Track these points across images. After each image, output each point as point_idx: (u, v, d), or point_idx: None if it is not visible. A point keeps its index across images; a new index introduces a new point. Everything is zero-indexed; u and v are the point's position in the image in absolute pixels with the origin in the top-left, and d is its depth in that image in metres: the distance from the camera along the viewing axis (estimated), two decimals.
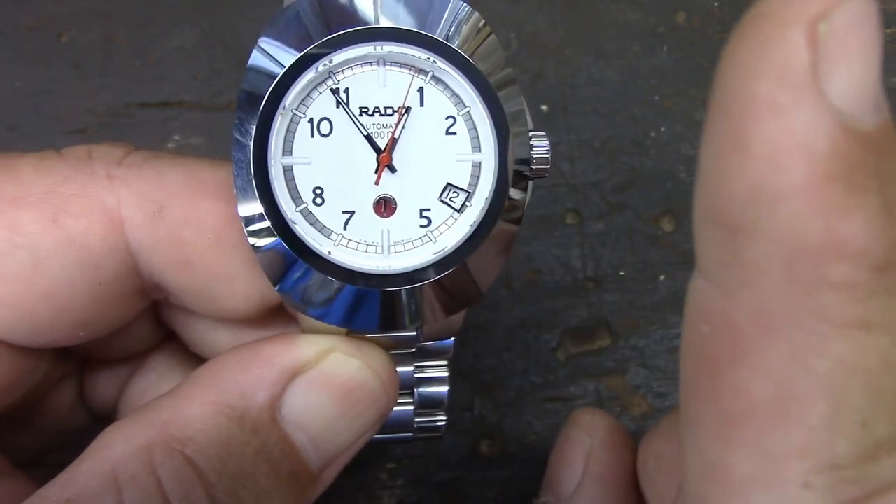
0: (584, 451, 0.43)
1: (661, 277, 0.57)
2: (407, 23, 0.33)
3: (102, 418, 0.44)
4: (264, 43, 0.33)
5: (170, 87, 0.59)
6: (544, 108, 0.60)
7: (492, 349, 0.56)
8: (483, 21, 0.34)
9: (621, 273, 0.57)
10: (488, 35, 0.34)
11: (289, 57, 0.32)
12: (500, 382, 0.55)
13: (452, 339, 0.39)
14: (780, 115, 0.20)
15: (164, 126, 0.58)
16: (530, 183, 0.34)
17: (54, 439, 0.43)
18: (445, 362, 0.41)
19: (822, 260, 0.21)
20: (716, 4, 0.63)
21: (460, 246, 0.34)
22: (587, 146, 0.60)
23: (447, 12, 0.33)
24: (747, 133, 0.21)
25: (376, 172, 0.34)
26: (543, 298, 0.57)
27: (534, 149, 0.34)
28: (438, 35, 0.33)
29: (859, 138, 0.20)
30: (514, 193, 0.34)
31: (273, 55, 0.33)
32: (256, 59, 0.33)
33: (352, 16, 0.33)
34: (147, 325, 0.41)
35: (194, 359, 0.43)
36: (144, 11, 0.60)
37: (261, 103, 0.32)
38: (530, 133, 0.34)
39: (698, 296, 0.24)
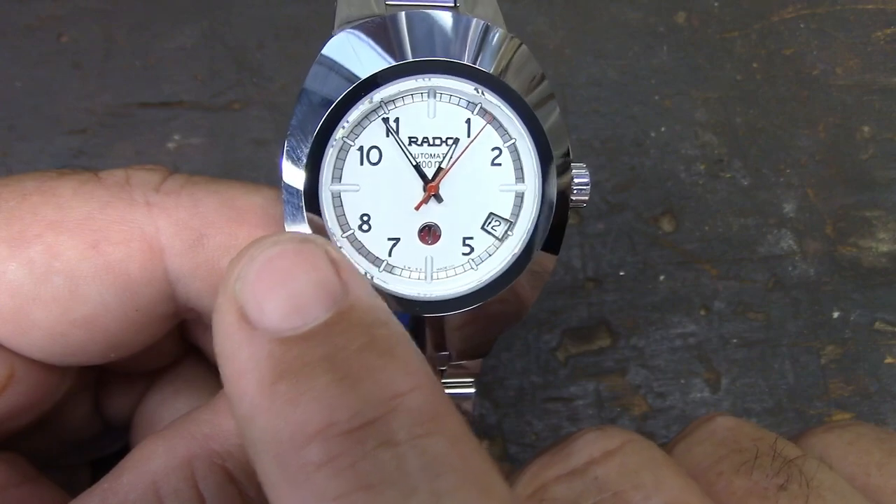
0: None
1: (661, 277, 0.57)
2: (451, 53, 0.33)
3: (117, 427, 0.44)
4: (316, 71, 0.33)
5: (170, 87, 0.59)
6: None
7: (492, 349, 0.56)
8: (520, 42, 0.34)
9: (621, 273, 0.57)
10: (525, 56, 0.35)
11: (340, 89, 0.33)
12: (500, 382, 0.55)
13: (481, 357, 0.40)
14: (229, 361, 0.25)
15: (164, 126, 0.58)
16: (569, 213, 0.35)
17: (67, 446, 0.43)
18: (472, 379, 0.42)
19: (296, 448, 0.23)
20: (716, 4, 0.63)
21: (501, 274, 0.35)
22: (587, 146, 0.60)
23: (488, 39, 0.34)
24: (224, 380, 0.26)
25: (424, 202, 0.35)
26: (543, 298, 0.57)
27: (574, 181, 0.35)
28: (484, 65, 0.34)
29: (300, 339, 0.24)
30: (555, 222, 0.35)
31: (324, 85, 0.33)
32: (310, 86, 0.33)
33: (400, 47, 0.33)
34: (172, 341, 0.42)
35: (211, 372, 0.43)
36: (144, 11, 0.60)
37: (313, 133, 0.33)
38: (572, 164, 0.35)
39: None
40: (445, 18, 0.34)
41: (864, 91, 0.62)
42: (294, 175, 0.33)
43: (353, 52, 0.33)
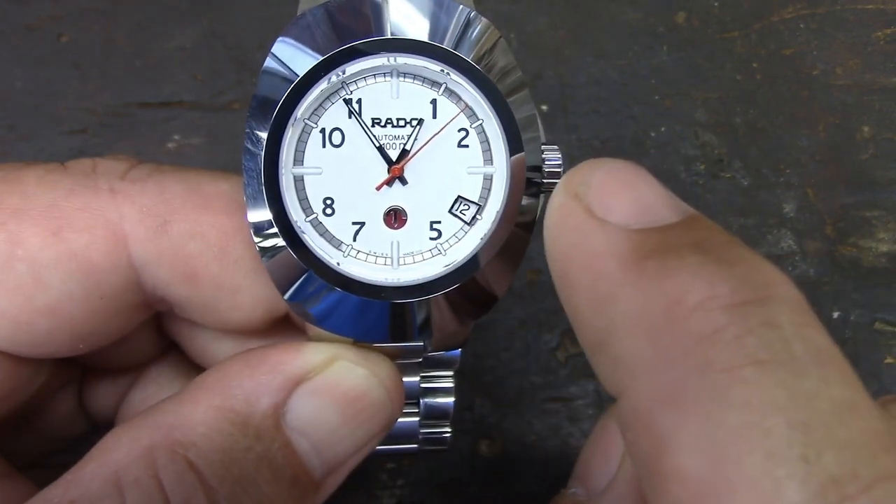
0: (620, 445, 0.42)
1: None
2: (418, 32, 0.33)
3: (102, 426, 0.44)
4: (277, 51, 0.32)
5: (170, 87, 0.59)
6: (544, 108, 0.60)
7: (492, 349, 0.56)
8: (492, 27, 0.33)
9: None
10: (498, 40, 0.34)
11: (301, 66, 0.32)
12: (500, 382, 0.55)
13: (459, 349, 0.39)
14: (578, 249, 0.26)
15: (164, 126, 0.58)
16: (542, 195, 0.34)
17: (54, 444, 0.43)
18: (451, 373, 0.41)
19: (673, 320, 0.23)
20: (716, 4, 0.63)
21: (470, 259, 0.33)
22: (587, 146, 0.60)
23: (456, 20, 0.33)
24: (569, 269, 0.27)
25: (388, 186, 0.34)
26: (543, 298, 0.57)
27: (546, 162, 0.34)
28: (450, 45, 0.33)
29: (659, 229, 0.25)
30: (526, 205, 0.34)
31: (286, 64, 0.32)
32: (269, 67, 0.32)
33: (364, 26, 0.32)
34: (149, 336, 0.41)
35: (194, 369, 0.43)
36: (144, 11, 0.60)
37: (273, 112, 0.32)
38: (543, 146, 0.34)
39: (617, 415, 0.26)
40: (424, 2, 0.33)
41: (864, 91, 0.62)
42: (253, 158, 0.32)
43: (316, 31, 0.32)
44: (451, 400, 0.41)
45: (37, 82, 0.58)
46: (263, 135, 0.32)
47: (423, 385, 0.40)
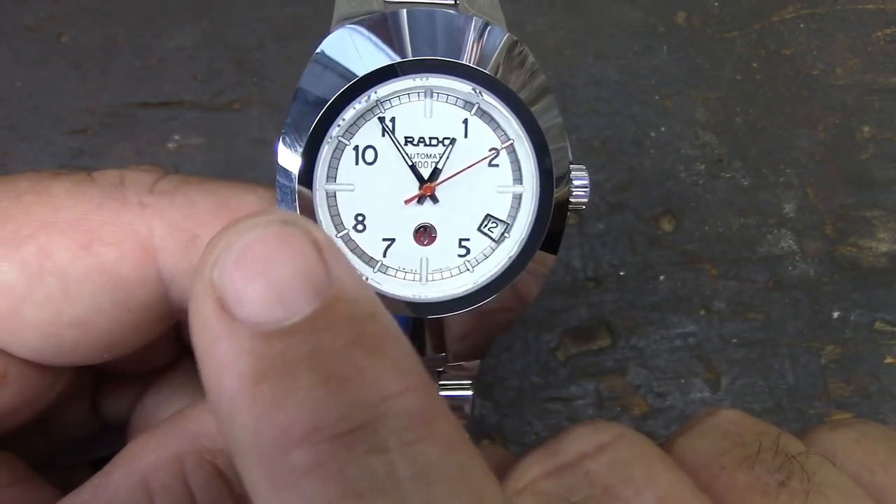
0: None
1: (661, 277, 0.57)
2: (446, 52, 0.33)
3: (114, 428, 0.44)
4: (312, 69, 0.33)
5: (170, 87, 0.59)
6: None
7: (492, 349, 0.56)
8: (517, 41, 0.34)
9: (621, 273, 0.57)
10: (525, 55, 0.34)
11: (336, 86, 0.32)
12: (500, 382, 0.55)
13: (479, 359, 0.39)
14: (208, 355, 0.23)
15: (164, 126, 0.58)
16: (568, 215, 0.35)
17: (65, 446, 0.43)
18: (470, 381, 0.41)
19: (280, 453, 0.22)
20: (716, 4, 0.63)
21: (497, 277, 0.34)
22: (587, 146, 0.60)
23: (486, 39, 0.33)
24: (203, 374, 0.24)
25: (417, 202, 0.34)
26: (543, 298, 0.57)
27: (574, 182, 0.34)
28: (481, 64, 0.33)
29: (283, 333, 0.22)
30: (552, 225, 0.34)
31: (320, 83, 0.33)
32: (305, 84, 0.33)
33: (397, 46, 0.33)
34: (167, 342, 0.42)
35: None
36: (144, 11, 0.60)
37: (308, 130, 0.32)
38: (571, 166, 0.34)
39: None
40: (445, 17, 0.33)
41: (864, 91, 0.62)
42: (288, 176, 0.33)
43: (351, 50, 0.33)
44: (468, 407, 0.42)
45: (37, 82, 0.58)
46: (298, 152, 0.32)
47: (441, 393, 0.41)
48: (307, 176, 0.33)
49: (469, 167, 0.34)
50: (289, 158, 0.33)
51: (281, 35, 0.59)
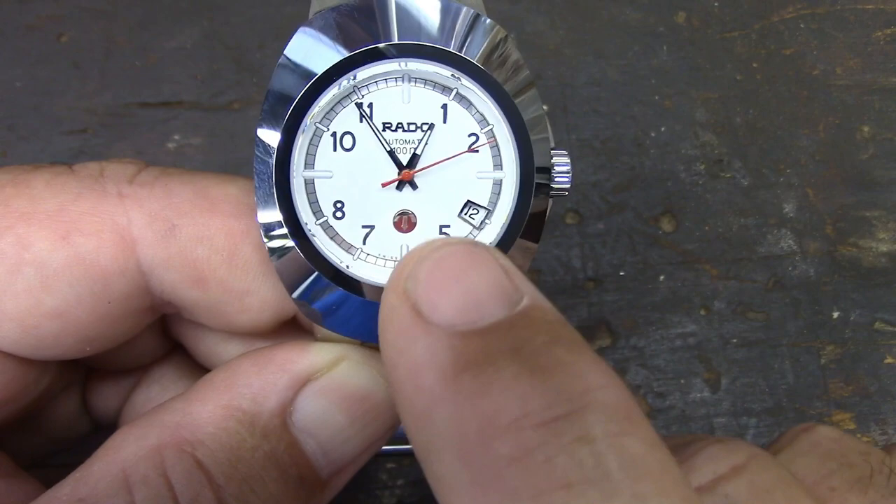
0: None
1: (661, 277, 0.57)
2: (427, 37, 0.33)
3: (105, 426, 0.44)
4: (289, 56, 0.33)
5: (170, 87, 0.59)
6: (545, 107, 0.60)
7: None
8: (498, 27, 0.34)
9: (621, 273, 0.57)
10: (505, 39, 0.34)
11: (313, 71, 0.32)
12: None
13: None
14: (403, 356, 0.24)
15: (164, 126, 0.58)
16: (550, 201, 0.34)
17: (57, 444, 0.43)
18: None
19: (485, 442, 0.21)
20: (716, 4, 0.63)
21: None
22: (587, 146, 0.60)
23: (462, 22, 0.33)
24: (395, 377, 0.25)
25: (396, 188, 0.34)
26: None
27: (555, 168, 0.34)
28: (459, 49, 0.33)
29: (481, 332, 0.23)
30: (534, 211, 0.34)
31: (297, 69, 0.33)
32: (280, 72, 0.33)
33: (374, 31, 0.32)
34: (154, 338, 0.41)
35: (198, 370, 0.43)
36: (144, 11, 0.60)
37: (284, 117, 0.32)
38: (552, 151, 0.34)
39: None
40: (430, 4, 0.33)
41: (864, 91, 0.62)
42: (264, 162, 0.32)
43: (326, 36, 0.32)
44: None
45: (37, 82, 0.58)
46: (275, 139, 0.32)
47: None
48: (284, 163, 0.32)
49: (451, 157, 0.34)
50: (265, 147, 0.32)
51: (281, 35, 0.59)
